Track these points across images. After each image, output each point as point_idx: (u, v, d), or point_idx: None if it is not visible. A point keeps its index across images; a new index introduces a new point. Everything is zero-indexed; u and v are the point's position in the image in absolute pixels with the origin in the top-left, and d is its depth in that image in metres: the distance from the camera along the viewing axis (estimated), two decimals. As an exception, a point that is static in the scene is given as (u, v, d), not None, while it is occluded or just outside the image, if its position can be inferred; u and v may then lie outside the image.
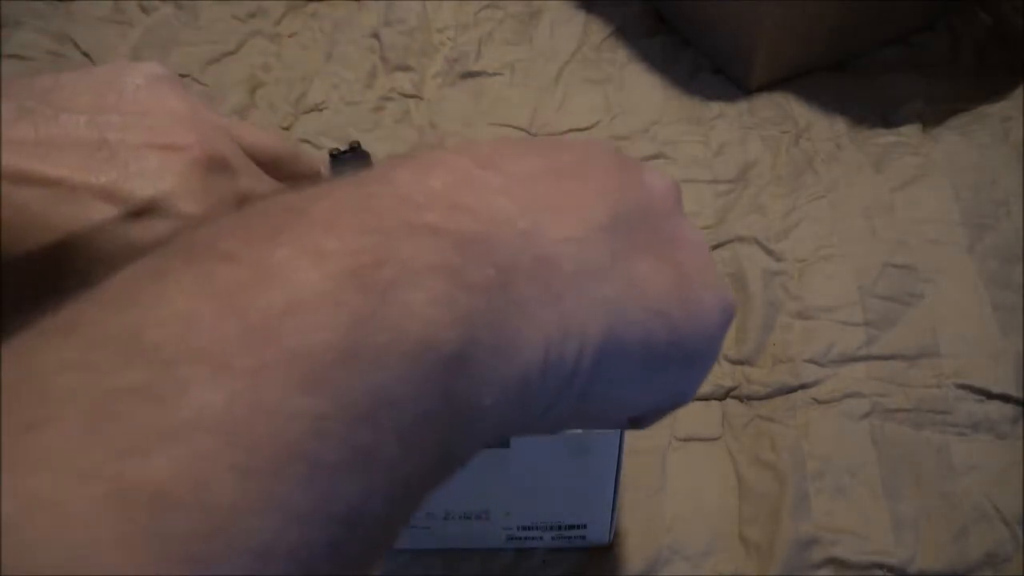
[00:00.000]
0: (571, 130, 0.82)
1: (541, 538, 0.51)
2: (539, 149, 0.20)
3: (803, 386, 0.60)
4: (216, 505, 0.11)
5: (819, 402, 0.59)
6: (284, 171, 0.30)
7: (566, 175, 0.19)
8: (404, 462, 0.14)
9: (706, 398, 0.60)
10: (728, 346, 0.63)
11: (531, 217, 0.18)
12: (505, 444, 0.42)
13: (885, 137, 0.79)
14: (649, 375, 0.20)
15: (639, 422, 0.24)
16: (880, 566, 0.51)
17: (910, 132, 0.79)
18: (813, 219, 0.72)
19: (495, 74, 0.90)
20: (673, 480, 0.56)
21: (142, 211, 0.24)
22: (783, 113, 0.83)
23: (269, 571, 0.12)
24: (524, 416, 0.18)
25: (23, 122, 0.23)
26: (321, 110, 0.88)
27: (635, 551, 0.52)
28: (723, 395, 0.60)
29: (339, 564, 0.13)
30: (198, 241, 0.15)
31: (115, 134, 0.24)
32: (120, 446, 0.11)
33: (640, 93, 0.87)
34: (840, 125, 0.81)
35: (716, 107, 0.84)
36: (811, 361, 0.61)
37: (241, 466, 0.12)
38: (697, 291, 0.20)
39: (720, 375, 0.61)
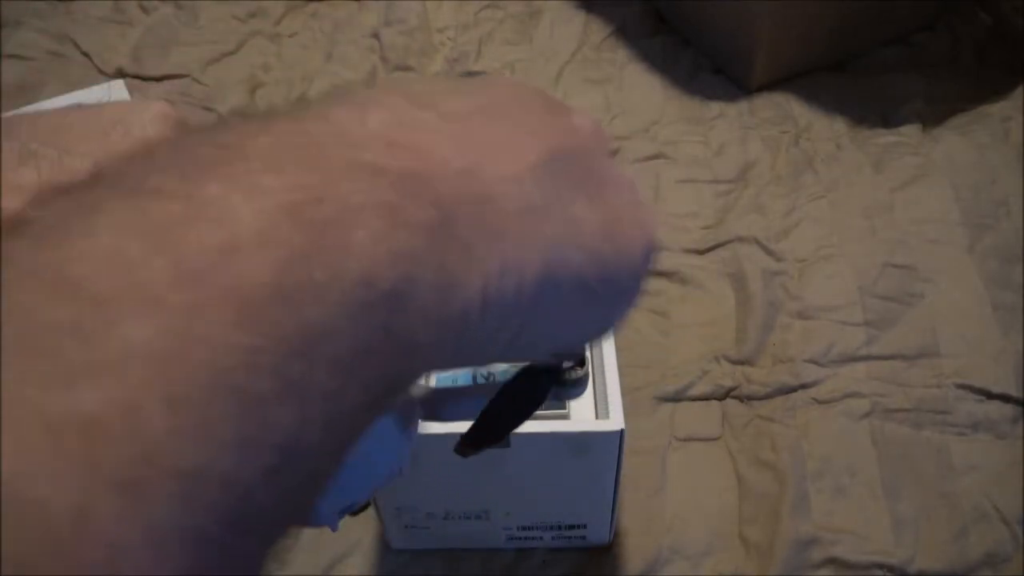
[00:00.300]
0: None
1: (541, 538, 0.51)
2: (470, 89, 0.20)
3: (803, 386, 0.60)
4: (147, 433, 0.12)
5: (819, 402, 0.59)
6: None
7: (500, 115, 0.20)
8: (341, 395, 0.14)
9: (706, 398, 0.60)
10: (728, 346, 0.63)
11: (469, 156, 0.18)
12: (505, 444, 0.42)
13: (885, 137, 0.79)
14: (580, 310, 0.21)
15: (562, 356, 0.26)
16: (880, 566, 0.51)
17: (910, 132, 0.79)
18: (813, 219, 0.72)
19: (495, 74, 0.90)
20: (673, 480, 0.56)
21: None
22: (783, 113, 0.83)
23: (204, 495, 0.12)
24: (463, 351, 0.18)
25: (26, 167, 0.23)
26: (321, 110, 0.88)
27: (635, 551, 0.52)
28: (723, 395, 0.60)
29: (276, 491, 0.13)
30: (130, 175, 0.14)
31: None
32: (48, 380, 0.11)
33: (640, 93, 0.87)
34: (840, 125, 0.81)
35: (716, 107, 0.85)
36: (811, 361, 0.61)
37: (172, 396, 0.12)
38: (626, 230, 0.21)
39: (720, 375, 0.61)
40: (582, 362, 0.36)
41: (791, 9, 0.80)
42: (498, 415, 0.32)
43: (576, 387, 0.35)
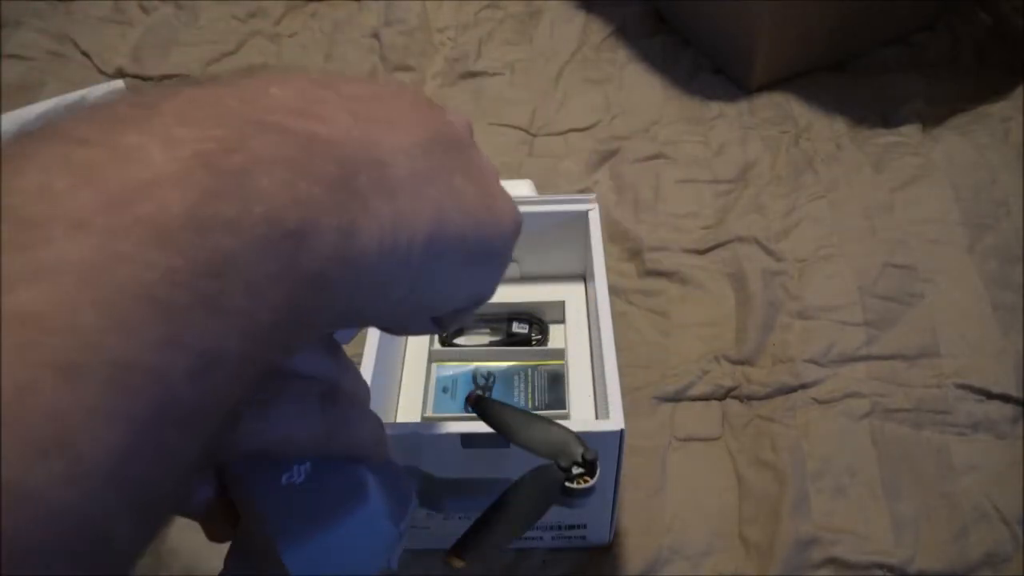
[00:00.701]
0: (571, 130, 0.82)
1: (541, 538, 0.51)
2: (360, 80, 0.23)
3: (803, 386, 0.60)
4: (81, 327, 0.14)
5: (819, 402, 0.59)
6: None
7: (389, 102, 0.23)
8: (255, 312, 0.17)
9: (706, 398, 0.60)
10: (728, 346, 0.63)
11: (365, 129, 0.20)
12: (505, 444, 0.42)
13: (885, 137, 0.79)
14: (463, 269, 0.24)
15: (441, 323, 0.28)
16: (880, 566, 0.51)
17: (910, 132, 0.79)
18: (813, 219, 0.72)
19: (495, 74, 0.90)
20: (673, 480, 0.56)
21: None
22: (783, 113, 0.83)
23: (132, 384, 0.14)
24: (365, 293, 0.20)
25: None
26: (321, 110, 0.88)
27: (635, 551, 0.52)
28: (723, 395, 0.60)
29: (199, 390, 0.16)
30: (55, 129, 0.16)
31: None
32: None
33: (640, 93, 0.87)
34: (840, 125, 0.81)
35: (716, 107, 0.84)
36: (811, 361, 0.61)
37: (101, 300, 0.14)
38: (498, 202, 0.25)
39: (720, 375, 0.61)
40: (592, 471, 0.34)
41: (791, 9, 0.80)
42: (498, 520, 0.31)
43: (584, 496, 0.33)
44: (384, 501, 0.26)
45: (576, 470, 0.33)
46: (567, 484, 0.33)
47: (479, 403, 0.37)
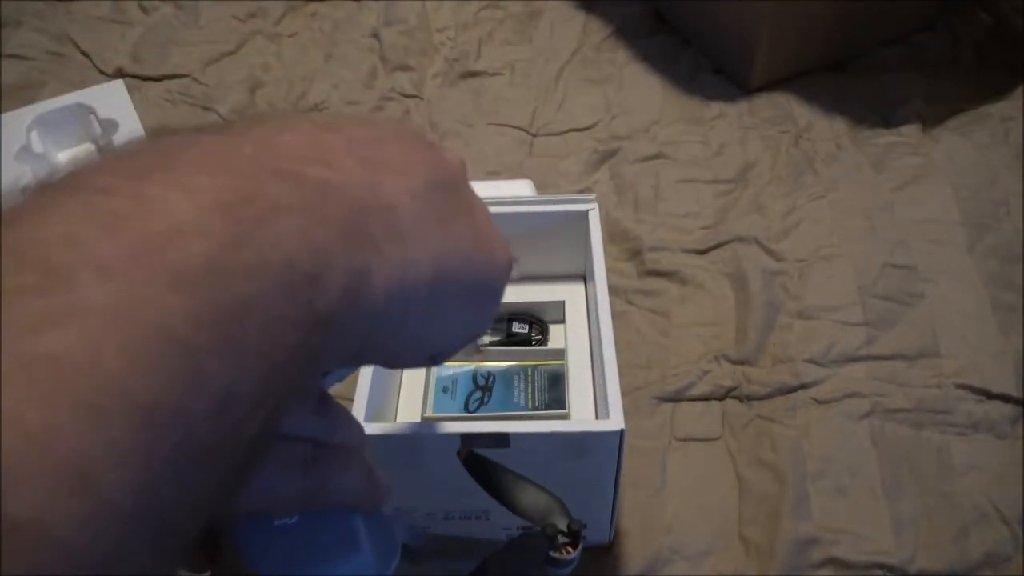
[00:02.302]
0: (571, 130, 0.82)
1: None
2: (362, 123, 0.24)
3: (803, 386, 0.60)
4: (105, 369, 0.14)
5: (819, 402, 0.59)
6: None
7: (389, 143, 0.23)
8: (272, 353, 0.17)
9: (706, 398, 0.60)
10: (728, 346, 0.63)
11: (372, 173, 0.21)
12: (505, 444, 0.42)
13: (885, 137, 0.79)
14: (460, 311, 0.25)
15: (436, 359, 0.29)
16: (880, 566, 0.51)
17: (910, 132, 0.79)
18: (813, 219, 0.72)
19: (495, 74, 0.90)
20: (673, 480, 0.56)
21: None
22: (783, 113, 0.83)
23: (154, 423, 0.15)
24: (373, 334, 0.21)
25: None
26: (321, 110, 0.88)
27: (635, 551, 0.52)
28: (723, 395, 0.60)
29: (217, 430, 0.16)
30: (77, 179, 0.17)
31: None
32: (17, 330, 0.14)
33: (640, 93, 0.87)
34: (840, 125, 0.81)
35: (716, 107, 0.84)
36: (811, 361, 0.61)
37: (124, 343, 0.14)
38: (492, 245, 0.25)
39: (720, 375, 0.61)
40: (576, 542, 0.34)
41: (791, 9, 0.80)
42: None
43: (567, 567, 0.33)
44: (374, 551, 0.26)
45: (561, 539, 0.33)
46: (551, 554, 0.33)
47: (470, 460, 0.37)
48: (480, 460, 0.36)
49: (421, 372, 0.57)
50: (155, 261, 0.15)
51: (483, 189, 0.29)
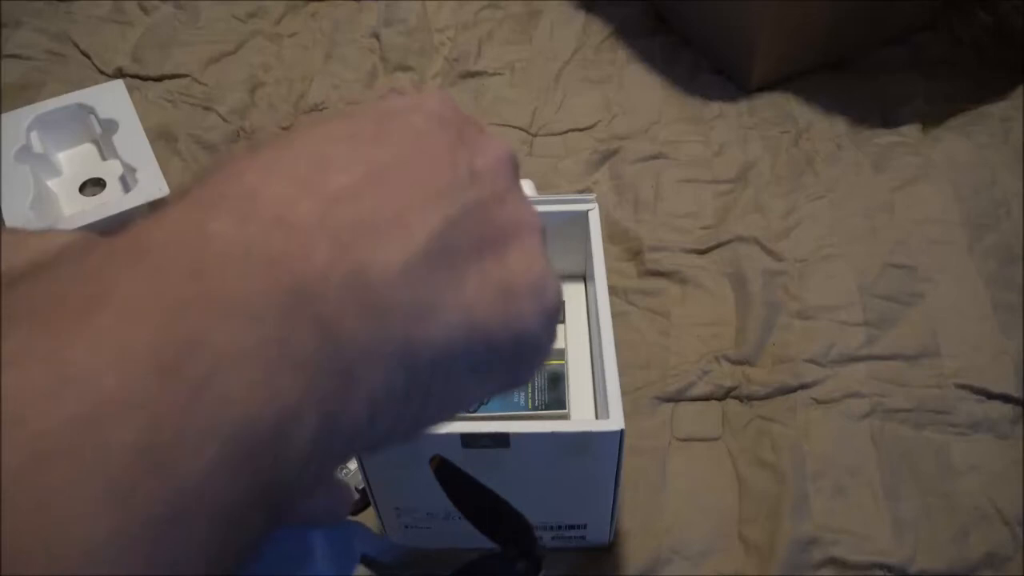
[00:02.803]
0: (571, 130, 0.82)
1: (541, 538, 0.51)
2: (360, 146, 0.19)
3: (803, 386, 0.60)
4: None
5: (819, 402, 0.59)
6: None
7: (391, 180, 0.19)
8: (224, 544, 0.14)
9: (706, 398, 0.60)
10: (728, 346, 0.63)
11: (354, 253, 0.17)
12: (504, 444, 0.42)
13: (885, 137, 0.79)
14: (476, 380, 0.20)
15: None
16: (880, 566, 0.51)
17: (910, 132, 0.79)
18: (813, 219, 0.72)
19: (495, 74, 0.90)
20: (673, 480, 0.56)
21: None
22: (783, 113, 0.83)
23: None
24: (358, 448, 0.18)
25: None
26: (321, 110, 0.88)
27: (635, 551, 0.52)
28: (723, 395, 0.60)
29: None
30: None
31: None
32: None
33: (640, 93, 0.87)
34: (840, 125, 0.81)
35: (716, 107, 0.84)
36: (811, 361, 0.61)
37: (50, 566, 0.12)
38: (519, 304, 0.20)
39: (720, 375, 0.61)
40: (537, 569, 0.32)
41: (791, 9, 0.80)
42: None
43: None
44: (330, 566, 0.25)
45: (520, 565, 0.31)
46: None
47: (441, 469, 0.34)
48: (453, 471, 0.34)
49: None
50: (73, 462, 0.12)
51: None
